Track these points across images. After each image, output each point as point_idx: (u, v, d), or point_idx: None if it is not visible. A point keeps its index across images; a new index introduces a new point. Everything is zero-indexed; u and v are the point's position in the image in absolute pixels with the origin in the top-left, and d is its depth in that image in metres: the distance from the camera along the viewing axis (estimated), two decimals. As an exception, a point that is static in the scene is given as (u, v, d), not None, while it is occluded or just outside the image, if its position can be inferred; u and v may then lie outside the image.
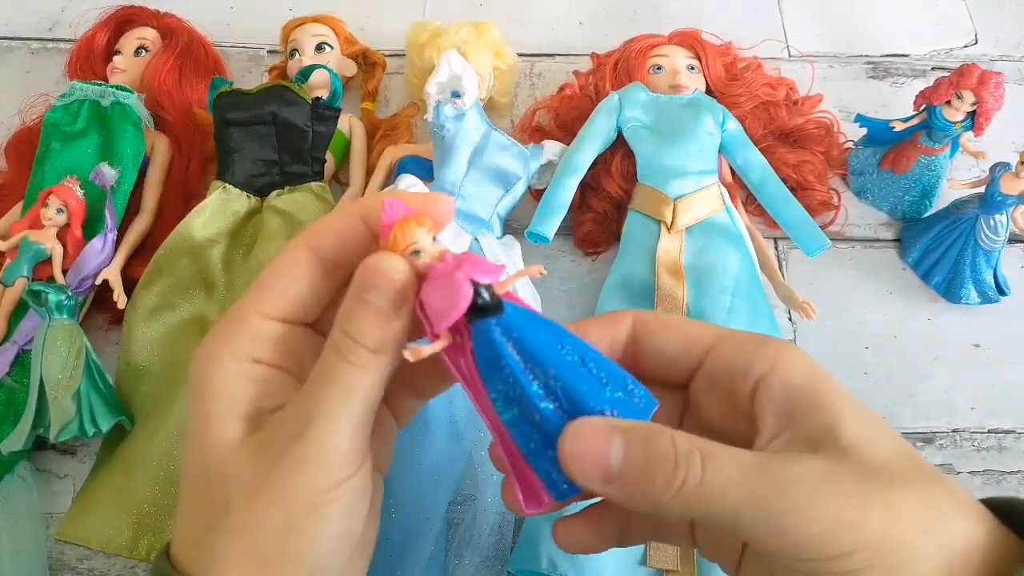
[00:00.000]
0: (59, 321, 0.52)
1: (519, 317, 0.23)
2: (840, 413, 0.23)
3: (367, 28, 0.73)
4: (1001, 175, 0.56)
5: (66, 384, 0.50)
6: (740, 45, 0.70)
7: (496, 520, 0.49)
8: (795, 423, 0.23)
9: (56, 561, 0.50)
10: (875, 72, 0.73)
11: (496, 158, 0.58)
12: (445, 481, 0.49)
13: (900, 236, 0.64)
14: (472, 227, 0.57)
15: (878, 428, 0.23)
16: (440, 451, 0.50)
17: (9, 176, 0.63)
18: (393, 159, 0.63)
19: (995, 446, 0.56)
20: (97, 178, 0.55)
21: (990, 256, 0.59)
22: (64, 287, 0.54)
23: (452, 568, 0.48)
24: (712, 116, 0.60)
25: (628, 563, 0.47)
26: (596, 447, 0.22)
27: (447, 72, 0.57)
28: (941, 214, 0.61)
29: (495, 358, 0.23)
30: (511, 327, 0.23)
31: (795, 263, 0.63)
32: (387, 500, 0.48)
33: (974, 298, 0.60)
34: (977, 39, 0.75)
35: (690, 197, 0.57)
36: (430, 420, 0.50)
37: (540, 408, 0.23)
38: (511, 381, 0.23)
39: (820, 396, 0.23)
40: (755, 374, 0.24)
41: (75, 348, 0.51)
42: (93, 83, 0.62)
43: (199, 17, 0.70)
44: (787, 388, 0.24)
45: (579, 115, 0.63)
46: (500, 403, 0.24)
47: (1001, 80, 0.57)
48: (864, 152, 0.64)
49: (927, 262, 0.61)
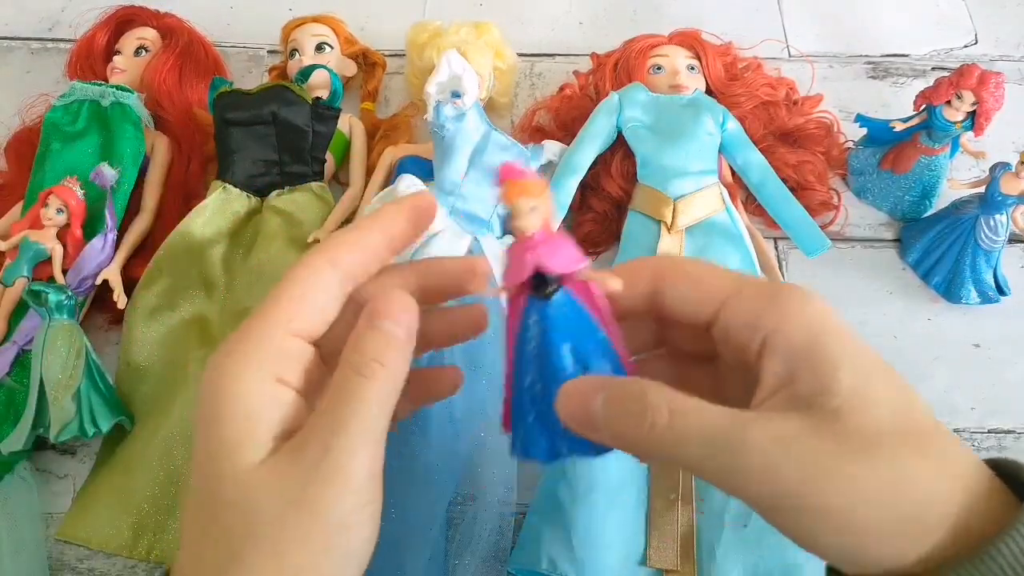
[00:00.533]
0: (59, 321, 0.52)
1: (562, 309, 0.26)
2: (837, 371, 0.22)
3: (367, 28, 0.73)
4: (1001, 175, 0.56)
5: (66, 384, 0.50)
6: (740, 45, 0.70)
7: (496, 520, 0.49)
8: (794, 380, 0.23)
9: (56, 561, 0.50)
10: (875, 72, 0.73)
11: (496, 158, 0.58)
12: (445, 481, 0.49)
13: (900, 236, 0.64)
14: (472, 227, 0.57)
15: (879, 386, 0.22)
16: (440, 451, 0.49)
17: (9, 176, 0.63)
18: (393, 159, 0.63)
19: (995, 446, 0.56)
20: (97, 178, 0.55)
21: (990, 256, 0.59)
22: (64, 287, 0.54)
23: (452, 568, 0.48)
24: (712, 116, 0.60)
25: (628, 563, 0.47)
26: (585, 398, 0.24)
27: (447, 72, 0.57)
28: (941, 214, 0.61)
29: (524, 331, 0.27)
30: (547, 316, 0.26)
31: (795, 263, 0.63)
32: (387, 500, 0.48)
33: (974, 298, 0.60)
34: (977, 39, 0.75)
35: (690, 197, 0.57)
36: (430, 420, 0.50)
37: (538, 380, 0.26)
38: (531, 354, 0.26)
39: (821, 352, 0.23)
40: (762, 331, 0.24)
41: (75, 348, 0.51)
42: (93, 83, 0.62)
43: (199, 17, 0.70)
44: (790, 344, 0.23)
45: (579, 115, 0.63)
46: (520, 365, 0.27)
47: (1001, 80, 0.57)
48: (864, 152, 0.64)
49: (927, 262, 0.61)
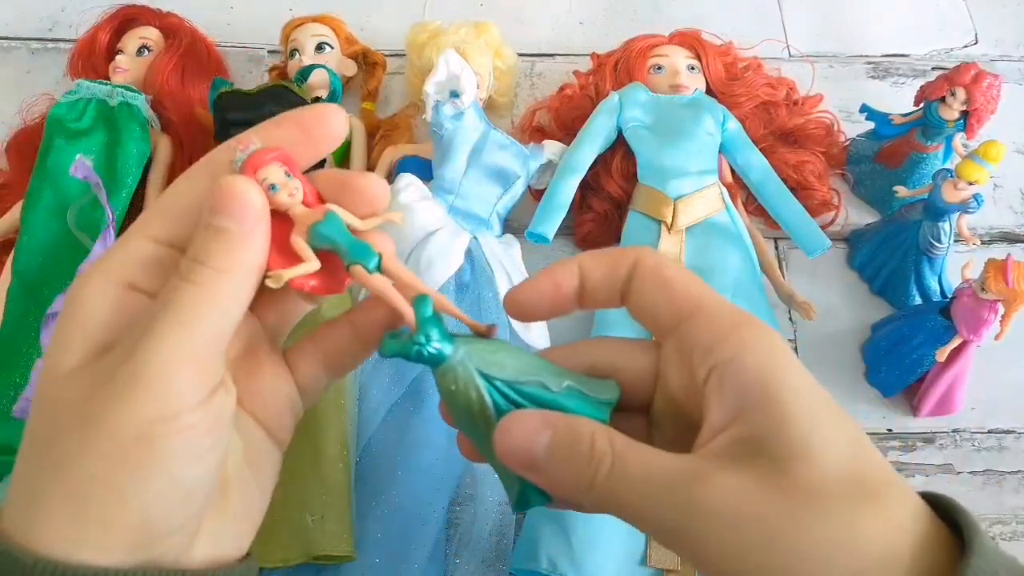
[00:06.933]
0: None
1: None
2: (788, 416, 0.21)
3: (367, 28, 0.73)
4: (942, 183, 0.54)
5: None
6: (740, 45, 0.70)
7: (496, 520, 0.49)
8: (742, 419, 0.22)
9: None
10: (875, 72, 0.73)
11: (495, 157, 0.58)
12: (445, 481, 0.49)
13: (848, 239, 0.63)
14: (471, 226, 0.57)
15: (830, 433, 0.22)
16: (440, 451, 0.49)
17: (10, 175, 0.63)
18: (393, 159, 0.63)
19: (995, 446, 0.56)
20: (79, 170, 0.54)
21: (934, 262, 0.57)
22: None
23: (452, 568, 0.48)
24: (712, 116, 0.60)
25: (628, 563, 0.47)
26: (526, 437, 0.23)
27: (445, 72, 0.57)
28: (887, 220, 0.61)
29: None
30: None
31: (795, 263, 0.63)
32: (387, 500, 0.48)
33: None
34: (977, 39, 0.75)
35: (690, 197, 0.57)
36: (429, 420, 0.50)
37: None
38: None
39: (772, 393, 0.22)
40: (713, 359, 0.23)
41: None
42: (99, 82, 0.62)
43: (199, 17, 0.70)
44: (739, 380, 0.22)
45: (579, 115, 0.63)
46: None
47: (996, 83, 0.57)
48: (865, 143, 0.65)
49: (871, 267, 0.61)
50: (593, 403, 0.25)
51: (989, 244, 0.64)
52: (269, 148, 0.23)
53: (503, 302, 0.27)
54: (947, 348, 0.52)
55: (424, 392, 0.51)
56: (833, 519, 0.20)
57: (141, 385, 0.20)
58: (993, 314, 0.49)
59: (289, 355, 0.27)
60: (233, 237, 0.22)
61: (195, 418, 0.21)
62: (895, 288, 0.59)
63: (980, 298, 0.50)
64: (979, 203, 0.53)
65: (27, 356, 0.53)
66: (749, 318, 0.24)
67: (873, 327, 0.59)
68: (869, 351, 0.58)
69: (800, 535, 0.20)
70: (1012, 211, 0.66)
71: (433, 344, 0.23)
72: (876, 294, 0.61)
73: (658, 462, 0.22)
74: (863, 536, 0.20)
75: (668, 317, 0.25)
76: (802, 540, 0.20)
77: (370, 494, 0.48)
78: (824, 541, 0.20)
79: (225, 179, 0.22)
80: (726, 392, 0.23)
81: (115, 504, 0.20)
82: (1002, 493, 0.54)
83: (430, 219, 0.56)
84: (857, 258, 0.62)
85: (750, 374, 0.22)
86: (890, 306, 0.60)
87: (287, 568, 0.46)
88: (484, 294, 0.54)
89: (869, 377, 0.57)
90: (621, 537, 0.47)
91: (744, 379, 0.22)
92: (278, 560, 0.45)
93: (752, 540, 0.20)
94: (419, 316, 0.24)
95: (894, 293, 0.60)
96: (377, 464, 0.49)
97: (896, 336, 0.56)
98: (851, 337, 0.60)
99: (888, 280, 0.60)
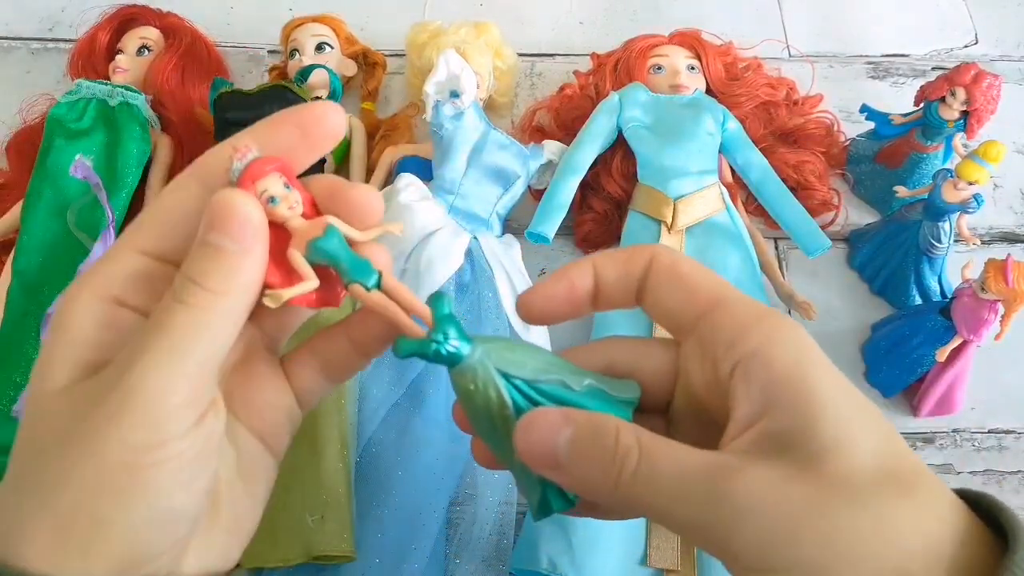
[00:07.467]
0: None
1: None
2: (819, 409, 0.21)
3: (367, 28, 0.73)
4: (943, 183, 0.54)
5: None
6: (740, 45, 0.70)
7: (496, 520, 0.49)
8: (770, 414, 0.22)
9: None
10: (875, 72, 0.73)
11: (495, 157, 0.58)
12: (445, 481, 0.49)
13: (848, 239, 0.63)
14: (471, 226, 0.57)
15: (862, 427, 0.21)
16: (440, 451, 0.50)
17: (10, 175, 0.63)
18: (393, 159, 0.63)
19: (995, 446, 0.56)
20: (79, 170, 0.54)
21: (934, 262, 0.57)
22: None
23: (452, 568, 0.48)
24: (712, 116, 0.60)
25: (628, 563, 0.47)
26: (547, 433, 0.22)
27: (445, 71, 0.57)
28: (888, 220, 0.61)
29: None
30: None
31: (795, 263, 0.63)
32: (387, 500, 0.48)
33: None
34: (977, 39, 0.75)
35: (690, 197, 0.57)
36: (429, 420, 0.50)
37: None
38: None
39: (802, 387, 0.22)
40: (738, 352, 0.23)
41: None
42: (100, 82, 0.62)
43: (199, 17, 0.70)
44: (768, 374, 0.22)
45: (579, 115, 0.63)
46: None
47: (996, 83, 0.57)
48: (866, 143, 0.65)
49: (871, 267, 0.61)
50: (615, 402, 0.24)
51: (989, 244, 0.64)
52: (269, 158, 0.22)
53: (515, 305, 0.26)
54: (947, 348, 0.52)
55: (424, 392, 0.51)
56: (870, 511, 0.20)
57: (128, 411, 0.20)
58: (993, 314, 0.49)
59: (286, 363, 0.26)
60: (230, 256, 0.21)
61: (184, 445, 0.21)
62: (895, 288, 0.59)
63: (980, 298, 0.50)
64: (979, 203, 0.53)
65: (27, 355, 0.53)
66: (771, 311, 0.24)
67: (873, 327, 0.59)
68: (869, 351, 0.58)
69: (837, 528, 0.20)
70: (1012, 211, 0.66)
71: (451, 343, 0.23)
72: (876, 294, 0.61)
73: (688, 458, 0.22)
74: (902, 528, 0.20)
75: (687, 314, 0.24)
76: (839, 533, 0.20)
77: (370, 494, 0.48)
78: (862, 533, 0.20)
79: (222, 194, 0.21)
80: (753, 386, 0.22)
81: (98, 533, 0.20)
82: (1002, 493, 0.54)
83: (430, 219, 0.56)
84: (857, 258, 0.62)
85: (777, 368, 0.22)
86: (890, 306, 0.60)
87: (287, 568, 0.46)
88: (484, 294, 0.54)
89: (869, 377, 0.57)
90: (621, 537, 0.47)
91: (772, 373, 0.22)
92: (278, 560, 0.45)
93: (786, 534, 0.20)
94: (436, 315, 0.23)
95: (894, 293, 0.59)
96: (377, 464, 0.49)
97: (896, 336, 0.56)
98: (851, 337, 0.60)
99: (888, 280, 0.60)
